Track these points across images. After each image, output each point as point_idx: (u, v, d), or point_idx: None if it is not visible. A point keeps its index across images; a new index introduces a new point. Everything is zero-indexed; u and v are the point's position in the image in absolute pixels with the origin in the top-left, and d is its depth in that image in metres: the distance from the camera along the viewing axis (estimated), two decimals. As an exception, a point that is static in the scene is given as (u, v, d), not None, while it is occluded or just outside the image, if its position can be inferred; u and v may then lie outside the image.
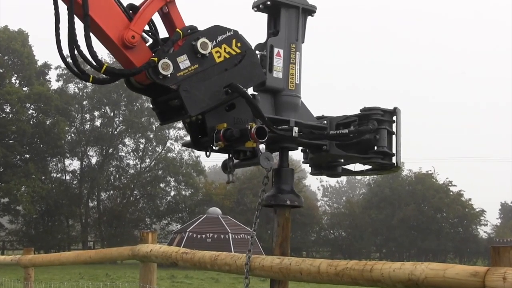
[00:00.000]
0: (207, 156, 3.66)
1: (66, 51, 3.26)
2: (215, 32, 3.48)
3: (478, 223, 44.32)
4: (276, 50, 3.71)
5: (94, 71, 3.34)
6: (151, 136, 42.96)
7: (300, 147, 3.93)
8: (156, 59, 3.29)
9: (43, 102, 37.29)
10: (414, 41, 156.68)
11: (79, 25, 3.21)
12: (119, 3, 3.38)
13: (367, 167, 4.06)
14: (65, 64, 3.39)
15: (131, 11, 3.40)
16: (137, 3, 3.48)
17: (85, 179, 41.73)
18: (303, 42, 3.86)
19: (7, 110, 37.73)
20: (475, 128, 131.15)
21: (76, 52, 3.21)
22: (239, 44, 3.53)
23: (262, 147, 3.72)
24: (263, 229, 32.83)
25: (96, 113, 42.41)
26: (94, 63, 3.22)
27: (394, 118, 3.85)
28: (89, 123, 42.63)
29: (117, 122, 42.34)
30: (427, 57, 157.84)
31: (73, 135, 42.12)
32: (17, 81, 39.05)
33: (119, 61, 3.44)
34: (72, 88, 41.60)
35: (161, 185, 42.93)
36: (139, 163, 43.41)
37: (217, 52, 3.46)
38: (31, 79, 38.14)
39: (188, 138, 3.76)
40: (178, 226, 39.43)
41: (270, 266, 3.45)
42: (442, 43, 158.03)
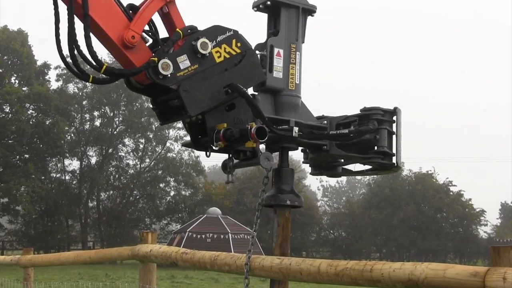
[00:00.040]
0: (207, 156, 3.66)
1: (66, 51, 3.26)
2: (215, 32, 3.48)
3: (478, 223, 44.29)
4: (276, 50, 3.71)
5: (94, 71, 3.34)
6: (151, 136, 42.94)
7: (300, 147, 3.93)
8: (156, 59, 3.29)
9: (43, 102, 37.26)
10: (414, 41, 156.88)
11: (79, 25, 3.21)
12: (119, 3, 3.38)
13: (367, 167, 4.06)
14: (65, 64, 3.39)
15: (131, 11, 3.40)
16: (137, 3, 3.48)
17: (85, 179, 41.69)
18: (303, 42, 3.86)
19: (7, 110, 37.71)
20: (475, 128, 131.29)
21: (76, 52, 3.21)
22: (239, 44, 3.53)
23: (262, 147, 3.72)
24: (263, 229, 32.79)
25: (96, 113, 42.39)
26: (94, 63, 3.22)
27: (394, 118, 3.85)
28: (88, 123, 42.63)
29: (117, 122, 42.32)
30: (427, 57, 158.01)
31: (72, 135, 42.09)
32: (17, 81, 39.02)
33: (119, 61, 3.44)
34: (71, 88, 41.65)
35: (160, 185, 42.90)
36: (138, 163, 43.41)
37: (217, 52, 3.46)
38: (30, 79, 38.11)
39: (188, 138, 3.76)
40: (178, 226, 39.40)
41: (270, 266, 3.45)
42: (442, 43, 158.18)
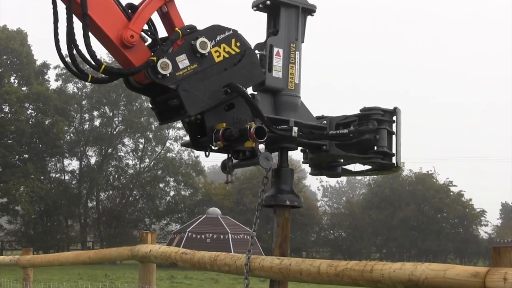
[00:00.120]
0: (207, 156, 3.65)
1: (64, 51, 3.26)
2: (214, 31, 3.47)
3: (479, 223, 44.25)
4: (275, 50, 3.70)
5: (93, 70, 3.34)
6: (151, 136, 42.94)
7: (300, 147, 3.92)
8: (155, 58, 3.28)
9: (42, 102, 37.24)
10: (414, 41, 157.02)
11: (77, 24, 3.21)
12: (118, 3, 3.38)
13: (367, 167, 4.05)
14: (64, 64, 3.39)
15: (130, 10, 3.39)
16: (136, 2, 3.48)
17: (84, 179, 41.68)
18: (302, 41, 3.85)
19: (6, 110, 37.70)
20: (475, 128, 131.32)
21: (75, 51, 3.20)
22: (238, 44, 3.52)
23: (262, 147, 3.71)
24: (263, 229, 32.78)
25: (95, 113, 42.37)
26: (93, 63, 3.21)
27: (394, 118, 3.84)
28: (88, 123, 42.62)
29: (116, 122, 42.32)
30: (427, 57, 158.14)
31: (72, 135, 42.08)
32: (16, 81, 39.00)
33: (118, 60, 3.43)
34: (71, 87, 41.64)
35: (160, 185, 42.89)
36: (138, 163, 43.40)
37: (216, 51, 3.45)
38: (30, 78, 38.08)
39: (187, 138, 3.75)
40: (178, 226, 39.39)
41: (270, 266, 3.44)
42: (442, 43, 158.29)
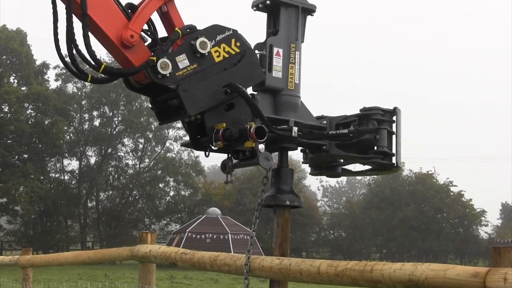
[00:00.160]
0: (206, 156, 3.65)
1: (64, 51, 3.25)
2: (214, 31, 3.47)
3: (479, 223, 44.24)
4: (275, 50, 3.69)
5: (92, 70, 3.33)
6: (150, 136, 42.93)
7: (300, 147, 3.91)
8: (155, 58, 3.28)
9: (42, 101, 37.24)
10: (414, 41, 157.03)
11: (77, 24, 3.20)
12: (118, 2, 3.37)
13: (367, 167, 4.04)
14: (64, 64, 3.38)
15: (129, 10, 3.39)
16: (135, 2, 3.47)
17: (84, 179, 41.67)
18: (302, 41, 3.85)
19: (6, 110, 37.70)
20: (475, 128, 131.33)
21: (74, 51, 3.20)
22: (238, 44, 3.51)
23: (262, 147, 3.71)
24: (263, 229, 32.79)
25: (95, 113, 42.38)
26: (93, 63, 3.21)
27: (394, 118, 3.84)
28: (87, 123, 42.61)
29: (116, 122, 42.32)
30: (427, 57, 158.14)
31: (71, 135, 42.07)
32: (16, 81, 39.00)
33: (117, 60, 3.43)
34: (70, 87, 41.64)
35: (160, 185, 42.89)
36: (138, 163, 43.40)
37: (216, 51, 3.45)
38: (29, 78, 38.08)
39: (187, 138, 3.74)
40: (177, 227, 39.39)
41: (269, 266, 3.43)
42: (442, 43, 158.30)
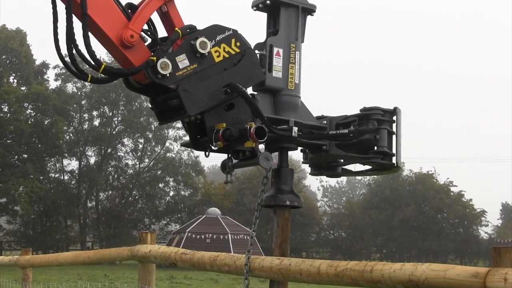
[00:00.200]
0: (206, 156, 3.65)
1: (64, 51, 3.25)
2: (214, 31, 3.47)
3: (479, 223, 44.21)
4: (275, 50, 3.69)
5: (92, 70, 3.33)
6: (150, 136, 42.92)
7: (300, 147, 3.91)
8: (155, 58, 3.28)
9: (41, 101, 37.23)
10: (414, 41, 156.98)
11: (77, 24, 3.20)
12: (118, 2, 3.37)
13: (367, 167, 4.04)
14: (64, 64, 3.38)
15: (129, 10, 3.38)
16: (135, 2, 3.47)
17: (84, 179, 41.65)
18: (302, 41, 3.84)
19: (5, 110, 37.68)
20: (475, 128, 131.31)
21: (74, 51, 3.19)
22: (238, 44, 3.51)
23: (262, 147, 3.70)
24: (263, 229, 32.78)
25: (95, 113, 42.37)
26: (93, 63, 3.21)
27: (394, 118, 3.84)
28: (87, 123, 42.59)
29: (116, 122, 42.30)
30: (427, 57, 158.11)
31: (71, 135, 42.06)
32: (15, 81, 38.98)
33: (117, 60, 3.42)
34: (70, 87, 41.61)
35: (160, 185, 42.88)
36: (138, 163, 43.38)
37: (216, 51, 3.45)
38: (29, 78, 38.07)
39: (187, 138, 3.74)
40: (177, 227, 39.38)
41: (269, 266, 3.43)
42: (442, 43, 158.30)
